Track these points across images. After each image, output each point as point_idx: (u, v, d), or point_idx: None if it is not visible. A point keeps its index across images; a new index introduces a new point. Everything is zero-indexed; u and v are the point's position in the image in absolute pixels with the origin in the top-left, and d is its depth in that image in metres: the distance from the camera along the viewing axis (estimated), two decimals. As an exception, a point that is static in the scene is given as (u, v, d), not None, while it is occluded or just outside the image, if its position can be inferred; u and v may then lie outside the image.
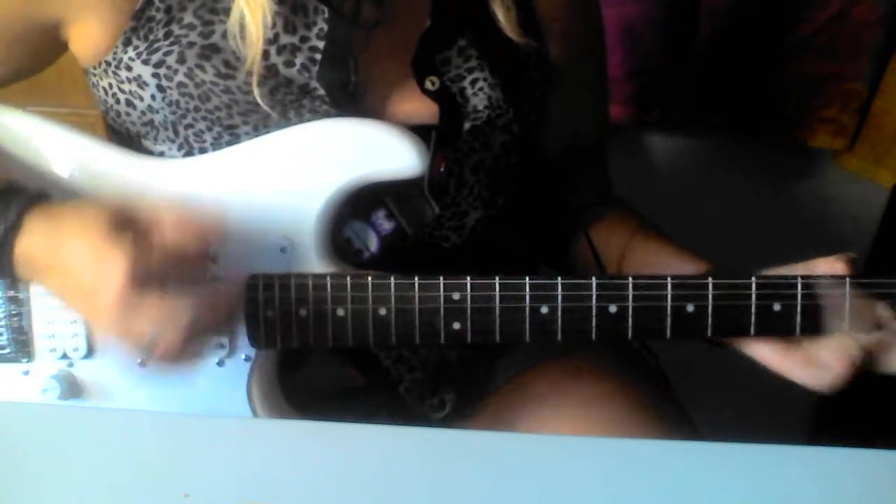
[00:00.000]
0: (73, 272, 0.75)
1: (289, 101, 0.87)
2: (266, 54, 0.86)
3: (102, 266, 0.73)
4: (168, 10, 0.85)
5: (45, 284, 0.80)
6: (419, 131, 0.86)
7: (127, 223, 0.75)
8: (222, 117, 0.87)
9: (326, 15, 0.86)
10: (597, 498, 0.68)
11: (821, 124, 1.39)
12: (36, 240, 0.78)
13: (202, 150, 0.89)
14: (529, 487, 0.69)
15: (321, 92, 0.87)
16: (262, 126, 0.87)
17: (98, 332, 0.82)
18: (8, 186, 0.80)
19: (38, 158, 0.88)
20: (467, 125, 0.91)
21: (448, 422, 0.99)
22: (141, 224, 0.76)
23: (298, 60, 0.86)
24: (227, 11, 0.85)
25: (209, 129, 0.88)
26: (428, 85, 0.90)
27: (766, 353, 0.84)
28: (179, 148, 0.89)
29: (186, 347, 0.76)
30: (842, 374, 0.82)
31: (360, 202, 0.87)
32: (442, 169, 0.88)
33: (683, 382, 1.01)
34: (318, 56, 0.86)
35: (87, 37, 0.87)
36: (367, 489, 0.68)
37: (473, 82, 0.90)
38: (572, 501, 0.68)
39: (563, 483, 0.69)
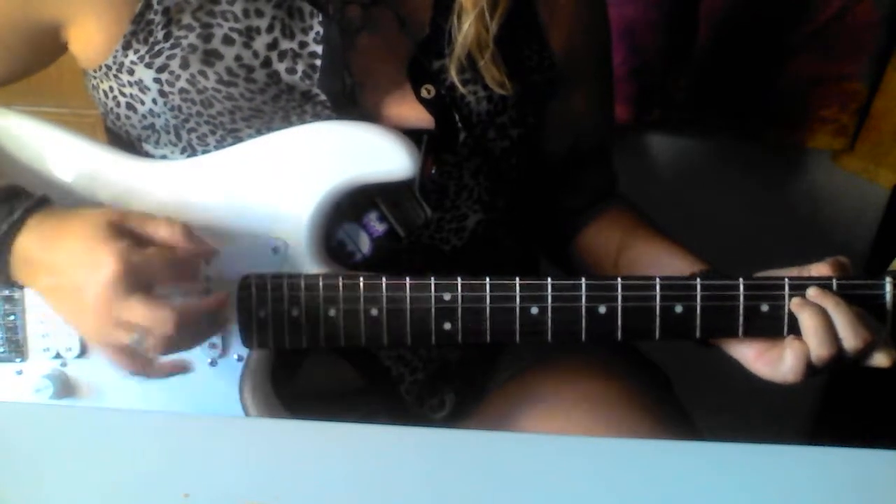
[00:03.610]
0: (63, 270, 0.76)
1: (291, 107, 0.87)
2: (268, 61, 0.86)
3: (92, 265, 0.74)
4: (166, 11, 0.85)
5: (36, 285, 0.81)
6: (415, 135, 0.86)
7: (125, 230, 0.77)
8: (225, 122, 0.87)
9: (321, 18, 0.86)
10: (597, 498, 0.68)
11: (821, 124, 1.39)
12: (34, 239, 0.78)
13: (206, 154, 0.89)
14: (529, 487, 0.69)
15: (323, 98, 0.87)
16: (266, 130, 0.87)
17: (83, 335, 0.82)
18: (13, 190, 0.81)
19: (38, 161, 0.88)
20: (465, 131, 0.91)
21: (448, 422, 0.99)
22: (138, 232, 0.77)
23: (300, 67, 0.86)
24: (225, 15, 0.85)
25: (212, 133, 0.88)
26: (423, 93, 0.90)
27: (744, 352, 0.85)
28: (182, 151, 0.89)
29: (169, 354, 0.77)
30: (798, 371, 0.82)
31: (353, 204, 0.87)
32: (433, 172, 0.88)
33: (683, 382, 1.01)
34: (318, 62, 0.86)
35: (87, 39, 0.87)
36: (367, 489, 0.68)
37: (471, 91, 0.90)
38: (572, 501, 0.68)
39: (563, 483, 0.69)
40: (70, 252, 0.76)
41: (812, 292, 0.81)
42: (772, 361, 0.83)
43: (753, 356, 0.84)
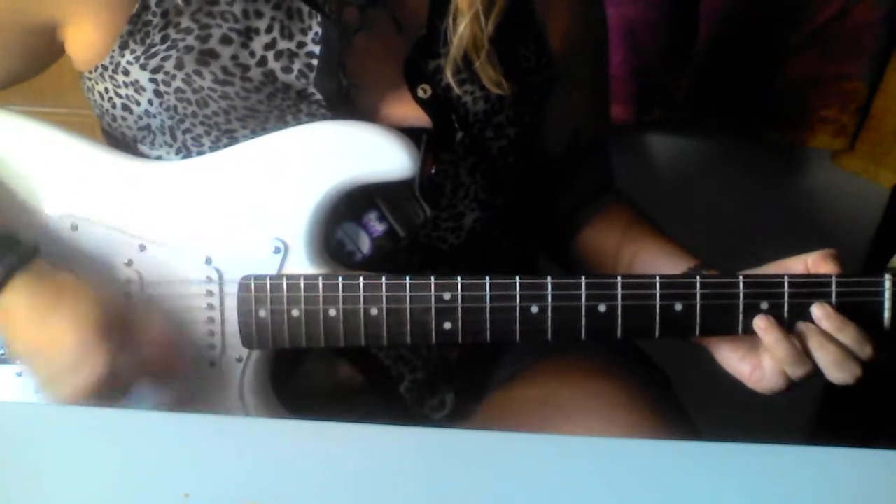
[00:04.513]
0: (48, 352, 0.78)
1: (287, 107, 0.87)
2: (264, 60, 0.85)
3: (81, 362, 0.76)
4: (164, 14, 0.85)
5: (11, 344, 0.81)
6: (413, 134, 0.86)
7: (116, 328, 0.78)
8: (220, 122, 0.87)
9: (320, 19, 0.86)
10: (597, 498, 0.68)
11: (821, 124, 1.39)
12: (18, 303, 0.79)
13: (200, 154, 0.89)
14: (529, 487, 0.69)
15: (318, 97, 0.87)
16: (261, 130, 0.87)
17: (45, 394, 0.82)
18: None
19: (36, 161, 0.88)
20: (461, 131, 0.91)
21: (448, 422, 0.99)
22: (127, 331, 0.79)
23: (296, 66, 0.86)
24: (224, 15, 0.85)
25: (207, 133, 0.88)
26: (420, 93, 0.90)
27: (725, 353, 0.86)
28: (177, 152, 0.89)
29: None
30: (776, 381, 0.83)
31: (352, 204, 0.87)
32: (433, 172, 0.88)
33: (683, 382, 1.01)
34: (315, 62, 0.86)
35: (84, 39, 0.87)
36: (367, 489, 0.68)
37: (467, 91, 0.90)
38: (572, 501, 0.68)
39: (564, 483, 0.69)
40: (57, 338, 0.77)
41: (818, 313, 0.81)
42: (754, 364, 0.84)
43: (735, 358, 0.85)
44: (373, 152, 0.85)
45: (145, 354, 0.80)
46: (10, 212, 0.87)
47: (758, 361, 0.84)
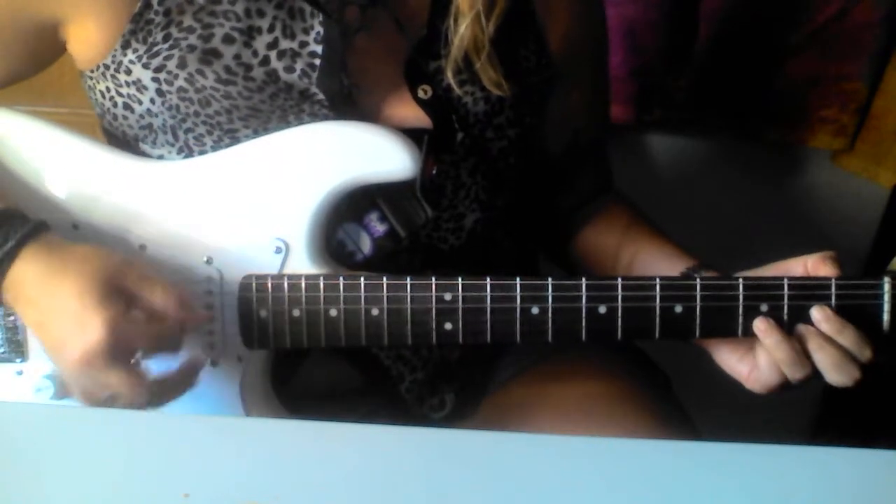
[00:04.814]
0: (54, 317, 0.77)
1: (289, 106, 0.87)
2: (266, 60, 0.85)
3: (79, 326, 0.75)
4: (167, 13, 0.85)
5: (23, 314, 0.81)
6: (414, 134, 0.86)
7: (119, 290, 0.77)
8: (223, 122, 0.87)
9: (322, 19, 0.86)
10: (597, 498, 0.68)
11: (821, 124, 1.39)
12: (27, 272, 0.78)
13: (202, 154, 0.89)
14: (529, 487, 0.69)
15: (321, 97, 0.87)
16: (263, 130, 0.87)
17: (59, 370, 0.82)
18: (8, 214, 0.81)
19: (37, 161, 0.88)
20: (462, 132, 0.91)
21: (448, 422, 0.99)
22: (132, 293, 0.78)
23: (298, 66, 0.86)
24: (227, 14, 0.85)
25: (209, 133, 0.88)
26: (420, 93, 0.90)
27: (724, 354, 0.86)
28: (179, 151, 0.89)
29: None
30: (772, 377, 0.83)
31: (354, 204, 0.87)
32: (434, 172, 0.88)
33: (683, 382, 1.01)
34: (317, 61, 0.86)
35: (86, 38, 0.87)
36: (367, 489, 0.68)
37: (468, 92, 0.90)
38: (572, 501, 0.68)
39: (563, 483, 0.69)
40: (61, 303, 0.76)
41: (818, 315, 0.81)
42: (752, 365, 0.84)
43: (734, 358, 0.86)
44: (374, 153, 0.85)
45: (154, 314, 0.79)
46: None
47: (756, 362, 0.84)
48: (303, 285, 0.84)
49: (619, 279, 0.82)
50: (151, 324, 0.79)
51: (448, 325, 0.83)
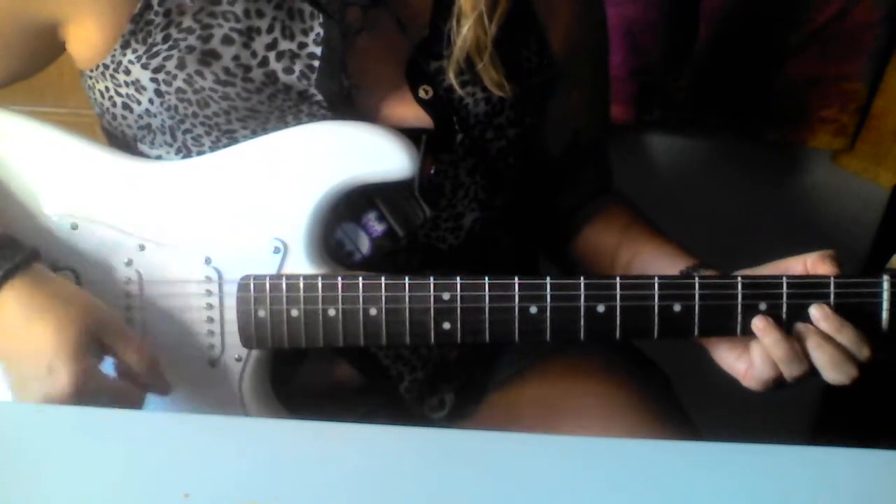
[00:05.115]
0: (26, 355, 0.78)
1: (287, 107, 0.87)
2: (265, 61, 0.85)
3: (48, 373, 0.77)
4: (167, 13, 0.85)
5: None
6: (413, 134, 0.86)
7: (94, 342, 0.79)
8: (221, 123, 0.87)
9: (321, 20, 0.86)
10: (597, 498, 0.68)
11: (821, 124, 1.39)
12: (12, 303, 0.79)
13: (201, 154, 0.89)
14: (529, 487, 0.68)
15: (319, 98, 0.87)
16: (261, 131, 0.87)
17: (14, 395, 0.82)
18: (1, 242, 0.81)
19: (36, 161, 0.88)
20: (462, 132, 0.91)
21: (448, 421, 0.99)
22: (108, 346, 0.80)
23: (297, 67, 0.86)
24: (226, 15, 0.85)
25: (207, 133, 0.88)
26: (421, 93, 0.90)
27: (722, 352, 0.86)
28: (177, 152, 0.89)
29: None
30: (766, 371, 0.83)
31: (352, 204, 0.87)
32: (432, 172, 0.88)
33: (683, 382, 1.01)
34: (316, 63, 0.86)
35: (85, 38, 0.87)
36: (367, 489, 0.68)
37: (469, 93, 0.90)
38: (572, 501, 0.68)
39: (563, 483, 0.69)
40: (36, 343, 0.78)
41: (817, 314, 0.81)
42: (750, 363, 0.84)
43: (732, 356, 0.85)
44: (372, 152, 0.85)
45: (116, 385, 0.81)
46: (10, 211, 0.87)
47: (751, 358, 0.84)
48: (301, 285, 0.84)
49: (618, 278, 0.82)
50: (118, 382, 0.81)
51: (446, 325, 0.83)
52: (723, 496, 0.68)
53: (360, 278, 0.84)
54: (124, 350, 0.81)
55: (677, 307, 0.82)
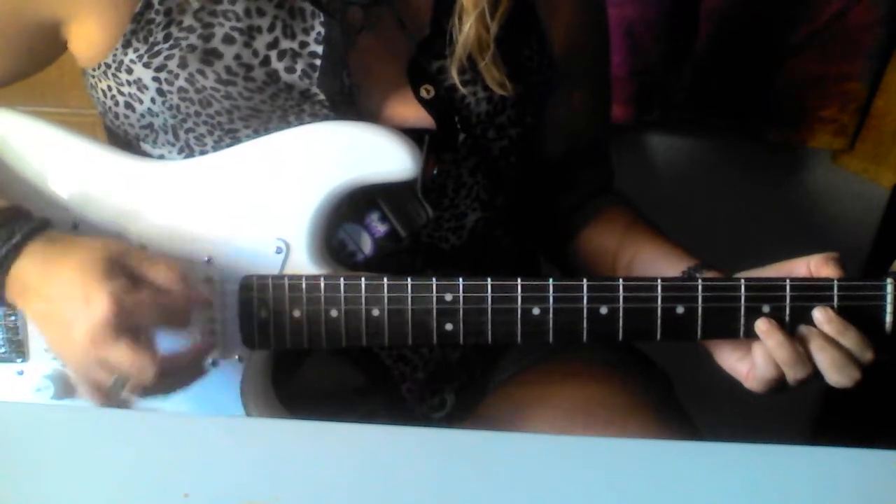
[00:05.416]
0: (57, 302, 0.77)
1: (289, 107, 0.87)
2: (267, 60, 0.86)
3: (84, 302, 0.75)
4: (167, 12, 0.85)
5: (28, 309, 0.81)
6: (415, 135, 0.86)
7: (122, 268, 0.77)
8: (223, 122, 0.87)
9: (322, 19, 0.86)
10: (597, 498, 0.68)
11: (821, 124, 1.39)
12: (32, 265, 0.78)
13: (203, 154, 0.89)
14: (529, 487, 0.69)
15: (321, 97, 0.87)
16: (263, 130, 0.87)
17: (66, 364, 0.82)
18: (15, 212, 0.81)
19: (38, 161, 0.88)
20: (464, 132, 0.91)
21: (448, 421, 0.99)
22: (134, 273, 0.78)
23: (299, 66, 0.86)
24: (227, 14, 0.85)
25: (210, 132, 0.88)
26: (423, 93, 0.90)
27: (724, 353, 0.86)
28: (180, 151, 0.89)
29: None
30: (768, 371, 0.82)
31: (354, 204, 0.87)
32: (434, 172, 0.88)
33: (683, 382, 1.01)
34: (318, 62, 0.86)
35: (87, 37, 0.87)
36: (366, 489, 0.68)
37: (471, 92, 0.90)
38: (572, 501, 0.68)
39: (563, 483, 0.69)
40: (65, 284, 0.76)
41: (820, 317, 0.81)
42: (752, 364, 0.84)
43: (734, 357, 0.85)
44: (375, 153, 0.85)
45: (157, 293, 0.78)
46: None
47: (752, 359, 0.84)
48: (303, 286, 0.84)
49: (621, 280, 0.82)
50: (155, 297, 0.78)
51: (449, 326, 0.83)
52: (723, 496, 0.68)
53: (363, 279, 0.84)
54: (154, 268, 0.78)
55: (680, 309, 0.82)
